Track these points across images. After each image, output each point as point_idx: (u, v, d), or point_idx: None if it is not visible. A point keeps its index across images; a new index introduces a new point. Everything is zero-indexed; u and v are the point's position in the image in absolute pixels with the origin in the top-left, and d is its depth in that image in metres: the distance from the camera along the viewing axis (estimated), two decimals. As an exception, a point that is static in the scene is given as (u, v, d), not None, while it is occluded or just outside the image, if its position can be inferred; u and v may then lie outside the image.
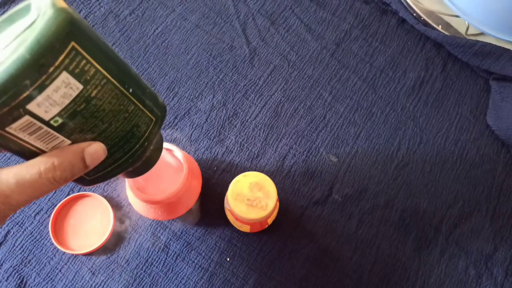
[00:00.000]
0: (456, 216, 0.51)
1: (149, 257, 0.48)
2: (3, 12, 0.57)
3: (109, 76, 0.26)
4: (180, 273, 0.47)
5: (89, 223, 0.49)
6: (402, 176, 0.52)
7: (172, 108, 0.54)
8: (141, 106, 0.29)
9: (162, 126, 0.53)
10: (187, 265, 0.48)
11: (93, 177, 0.30)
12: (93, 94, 0.25)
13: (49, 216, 0.49)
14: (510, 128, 0.52)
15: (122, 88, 0.27)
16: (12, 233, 0.48)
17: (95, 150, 0.27)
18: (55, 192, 0.50)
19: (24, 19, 0.24)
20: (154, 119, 0.30)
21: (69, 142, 0.26)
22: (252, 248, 0.49)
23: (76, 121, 0.25)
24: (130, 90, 0.27)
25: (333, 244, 0.49)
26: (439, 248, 0.49)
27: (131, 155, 0.30)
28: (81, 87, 0.24)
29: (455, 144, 0.54)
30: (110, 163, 0.29)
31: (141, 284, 0.47)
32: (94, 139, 0.27)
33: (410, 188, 0.52)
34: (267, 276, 0.48)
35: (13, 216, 0.49)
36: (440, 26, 0.59)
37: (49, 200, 0.50)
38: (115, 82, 0.26)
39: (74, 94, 0.24)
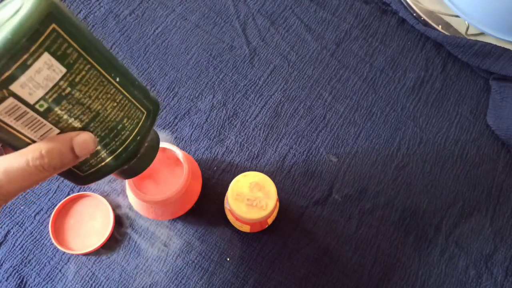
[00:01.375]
0: (456, 216, 0.51)
1: (149, 257, 0.48)
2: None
3: (93, 62, 0.26)
4: (180, 273, 0.48)
5: (89, 223, 0.49)
6: (402, 176, 0.52)
7: (172, 108, 0.54)
8: (130, 97, 0.29)
9: (162, 126, 0.53)
10: (187, 265, 0.48)
11: (87, 173, 0.30)
12: (77, 79, 0.25)
13: (49, 216, 0.49)
14: (510, 128, 0.52)
15: (108, 76, 0.27)
16: (12, 233, 0.48)
17: (84, 140, 0.27)
18: (55, 192, 0.50)
19: (9, 9, 0.25)
20: (145, 112, 0.30)
21: (57, 131, 0.26)
22: (252, 248, 0.49)
23: (62, 107, 0.25)
24: (117, 79, 0.28)
25: (333, 244, 0.49)
26: (439, 248, 0.49)
27: (124, 149, 0.30)
28: (64, 70, 0.24)
29: (455, 144, 0.54)
30: (103, 157, 0.29)
31: (141, 284, 0.47)
32: (83, 129, 0.27)
33: (410, 188, 0.52)
34: (267, 276, 0.48)
35: (13, 216, 0.49)
36: (440, 26, 0.59)
37: (49, 200, 0.50)
38: (100, 69, 0.26)
39: (58, 77, 0.24)
